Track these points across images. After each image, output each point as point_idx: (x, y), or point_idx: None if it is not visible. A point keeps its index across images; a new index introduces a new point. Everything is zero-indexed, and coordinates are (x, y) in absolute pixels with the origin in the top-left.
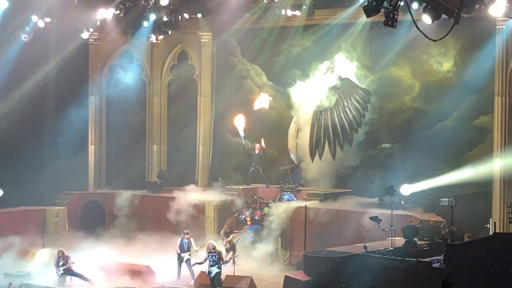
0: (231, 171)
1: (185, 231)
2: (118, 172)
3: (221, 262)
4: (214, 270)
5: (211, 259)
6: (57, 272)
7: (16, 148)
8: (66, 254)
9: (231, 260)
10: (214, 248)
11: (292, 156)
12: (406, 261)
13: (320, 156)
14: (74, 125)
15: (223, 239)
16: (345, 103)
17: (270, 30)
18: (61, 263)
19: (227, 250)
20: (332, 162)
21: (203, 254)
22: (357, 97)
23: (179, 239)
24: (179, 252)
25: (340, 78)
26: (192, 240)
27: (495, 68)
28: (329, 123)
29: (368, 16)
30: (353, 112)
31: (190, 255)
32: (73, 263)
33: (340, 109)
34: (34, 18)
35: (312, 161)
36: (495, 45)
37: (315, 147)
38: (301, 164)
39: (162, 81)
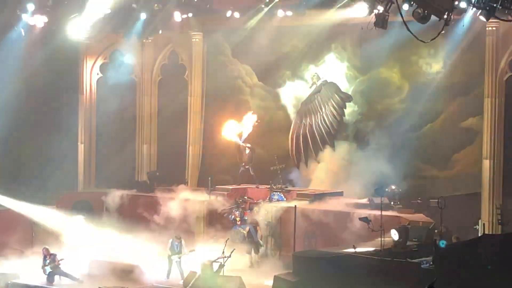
0: (221, 171)
1: (177, 235)
2: (107, 171)
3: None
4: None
5: None
6: (44, 272)
7: (4, 147)
8: (51, 252)
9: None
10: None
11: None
12: (395, 262)
13: (306, 163)
14: (64, 124)
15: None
16: (323, 110)
17: (261, 30)
18: (47, 261)
19: None
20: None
21: (192, 257)
22: (333, 102)
23: (170, 240)
24: (169, 254)
25: (324, 83)
26: (183, 242)
27: (485, 69)
28: (307, 130)
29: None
30: (330, 119)
31: (179, 257)
32: (62, 259)
33: (318, 116)
34: (25, 16)
35: (298, 167)
36: (485, 47)
37: (297, 154)
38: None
39: (152, 81)
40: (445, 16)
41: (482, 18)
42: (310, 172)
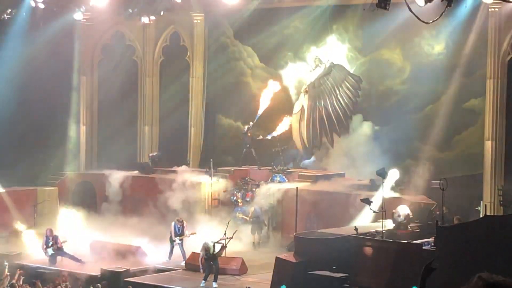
0: (223, 152)
1: (179, 218)
2: (109, 153)
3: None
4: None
5: (206, 256)
6: (46, 253)
7: (7, 129)
8: (54, 233)
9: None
10: (208, 249)
11: (298, 146)
12: (397, 243)
13: (319, 147)
14: (66, 106)
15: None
16: (337, 91)
17: (262, 11)
18: (50, 243)
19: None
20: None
21: (193, 239)
22: (348, 84)
23: (173, 223)
24: (171, 235)
25: (333, 65)
26: (185, 225)
27: (487, 51)
28: (324, 113)
29: None
30: (345, 100)
31: (181, 240)
32: (65, 241)
33: (333, 98)
34: None
35: (313, 153)
36: (487, 28)
37: (313, 140)
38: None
39: (154, 62)
40: None
41: None
42: (324, 155)
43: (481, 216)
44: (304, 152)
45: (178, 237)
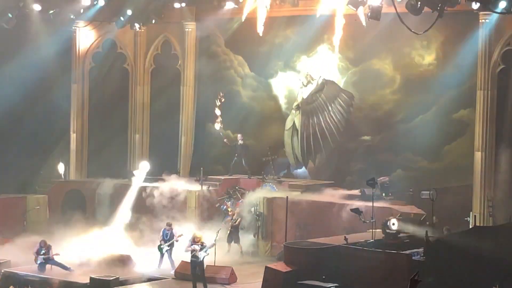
0: (213, 161)
1: (168, 222)
2: (100, 161)
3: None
4: (202, 254)
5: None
6: (36, 261)
7: None
8: (48, 244)
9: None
10: (199, 240)
11: (291, 162)
12: (386, 253)
13: (314, 162)
14: (56, 113)
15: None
16: (330, 108)
17: (253, 20)
18: (42, 251)
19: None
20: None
21: (183, 244)
22: (340, 101)
23: (162, 229)
24: (161, 243)
25: (325, 81)
26: (174, 231)
27: (478, 62)
28: (317, 129)
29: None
30: (338, 116)
31: (169, 246)
32: (57, 254)
33: (326, 115)
34: (19, 4)
35: (306, 168)
36: (478, 39)
37: (307, 155)
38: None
39: (145, 70)
40: (439, 8)
41: (475, 9)
42: (315, 165)
43: (470, 226)
44: (296, 165)
45: (167, 244)
